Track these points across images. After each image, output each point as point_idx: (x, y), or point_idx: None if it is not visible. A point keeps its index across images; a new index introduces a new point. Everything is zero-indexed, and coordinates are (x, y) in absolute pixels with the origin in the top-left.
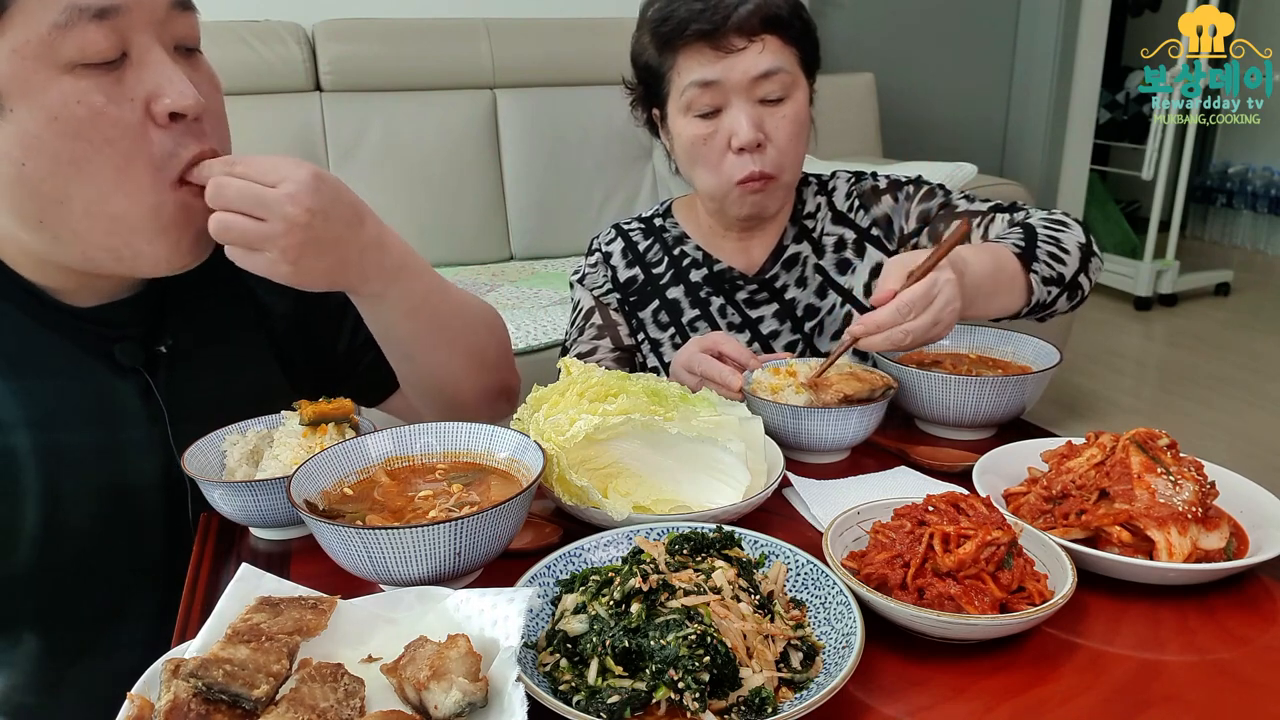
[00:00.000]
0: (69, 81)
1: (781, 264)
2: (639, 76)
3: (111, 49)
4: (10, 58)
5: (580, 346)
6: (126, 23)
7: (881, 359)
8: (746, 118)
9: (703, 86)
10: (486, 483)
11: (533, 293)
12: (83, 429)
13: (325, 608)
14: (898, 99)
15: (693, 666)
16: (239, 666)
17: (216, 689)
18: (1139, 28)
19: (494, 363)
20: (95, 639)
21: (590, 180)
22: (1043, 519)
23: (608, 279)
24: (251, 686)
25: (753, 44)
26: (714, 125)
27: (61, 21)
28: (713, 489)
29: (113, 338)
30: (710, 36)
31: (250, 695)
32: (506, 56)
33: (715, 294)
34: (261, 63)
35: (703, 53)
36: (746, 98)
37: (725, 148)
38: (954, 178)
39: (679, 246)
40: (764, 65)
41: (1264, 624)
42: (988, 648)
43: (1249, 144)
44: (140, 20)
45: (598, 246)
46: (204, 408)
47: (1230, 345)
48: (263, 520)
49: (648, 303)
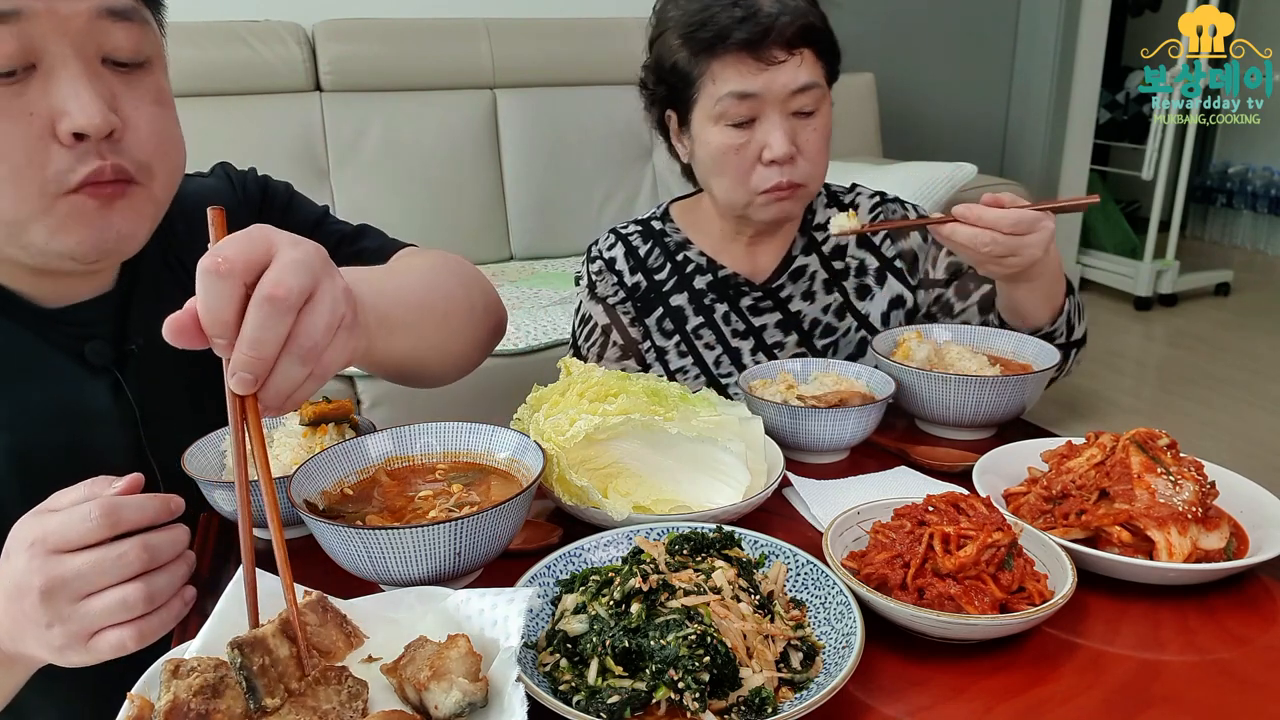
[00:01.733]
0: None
1: (789, 275)
2: (663, 78)
3: (13, 56)
4: None
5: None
6: (35, 30)
7: (882, 359)
8: (782, 132)
9: (740, 98)
10: (486, 483)
11: (533, 293)
12: (53, 429)
13: (355, 641)
14: (898, 99)
15: (693, 666)
16: (274, 665)
17: (244, 673)
18: (1139, 28)
19: (482, 309)
20: None
21: (590, 180)
22: (1043, 519)
23: (618, 286)
24: (270, 694)
25: (792, 57)
26: (747, 136)
27: None
28: (713, 489)
29: (83, 337)
30: (752, 47)
31: (262, 701)
32: (506, 56)
33: (720, 300)
34: (261, 63)
35: (744, 62)
36: (781, 111)
37: (756, 159)
38: (954, 178)
39: (682, 252)
40: (802, 79)
41: (1264, 624)
42: (988, 648)
43: (1249, 144)
44: (52, 29)
45: (599, 253)
46: (176, 408)
47: (1230, 345)
48: (263, 520)
49: (652, 310)
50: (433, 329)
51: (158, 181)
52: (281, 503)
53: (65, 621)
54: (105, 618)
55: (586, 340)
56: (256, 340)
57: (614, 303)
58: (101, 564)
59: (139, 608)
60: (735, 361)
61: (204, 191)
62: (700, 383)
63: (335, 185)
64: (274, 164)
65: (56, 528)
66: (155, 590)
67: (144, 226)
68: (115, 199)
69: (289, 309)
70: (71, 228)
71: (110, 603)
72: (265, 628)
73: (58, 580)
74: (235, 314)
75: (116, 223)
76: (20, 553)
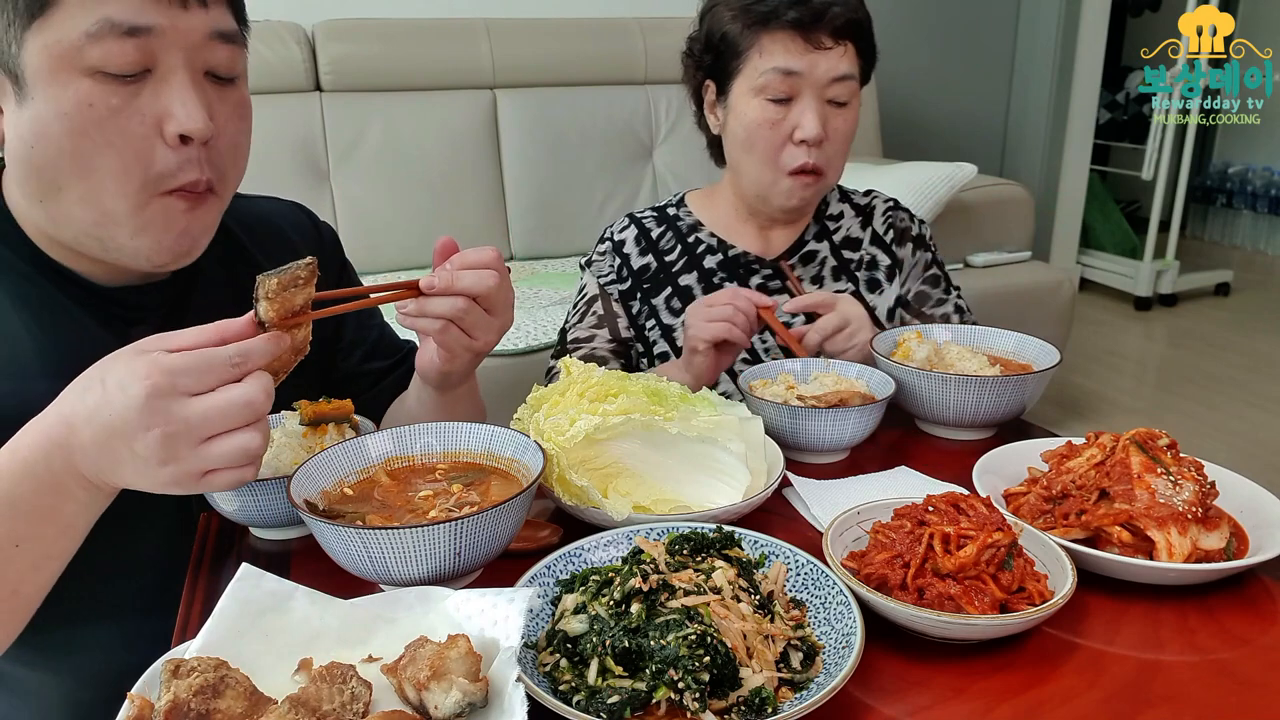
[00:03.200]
0: (87, 84)
1: (800, 257)
2: (711, 46)
3: (134, 64)
4: (41, 52)
5: (579, 331)
6: (157, 43)
7: (881, 359)
8: (815, 114)
9: (785, 75)
10: (486, 483)
11: (533, 293)
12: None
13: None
14: (898, 99)
15: (693, 666)
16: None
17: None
18: (1139, 28)
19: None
20: (84, 635)
21: (590, 180)
22: (1043, 519)
23: (614, 269)
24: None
25: (838, 45)
26: (783, 113)
27: (93, 31)
28: (713, 489)
29: (131, 320)
30: (804, 28)
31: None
32: (506, 56)
33: (729, 278)
34: (261, 63)
35: (794, 41)
36: (818, 95)
37: (787, 138)
38: (954, 178)
39: (693, 234)
40: (843, 69)
41: (1264, 624)
42: (988, 648)
43: (1249, 144)
44: (173, 43)
45: (609, 235)
46: None
47: (1230, 345)
48: (263, 520)
49: (660, 290)
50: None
51: (228, 190)
52: (282, 503)
53: (181, 462)
54: (223, 462)
55: (574, 307)
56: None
57: (604, 283)
58: (229, 409)
59: (258, 455)
60: None
61: (276, 216)
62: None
63: (335, 185)
64: (274, 164)
65: (191, 370)
66: (265, 435)
67: (209, 233)
68: (198, 205)
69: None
70: (153, 230)
71: (233, 449)
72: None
73: (182, 424)
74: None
75: (193, 228)
76: (133, 393)
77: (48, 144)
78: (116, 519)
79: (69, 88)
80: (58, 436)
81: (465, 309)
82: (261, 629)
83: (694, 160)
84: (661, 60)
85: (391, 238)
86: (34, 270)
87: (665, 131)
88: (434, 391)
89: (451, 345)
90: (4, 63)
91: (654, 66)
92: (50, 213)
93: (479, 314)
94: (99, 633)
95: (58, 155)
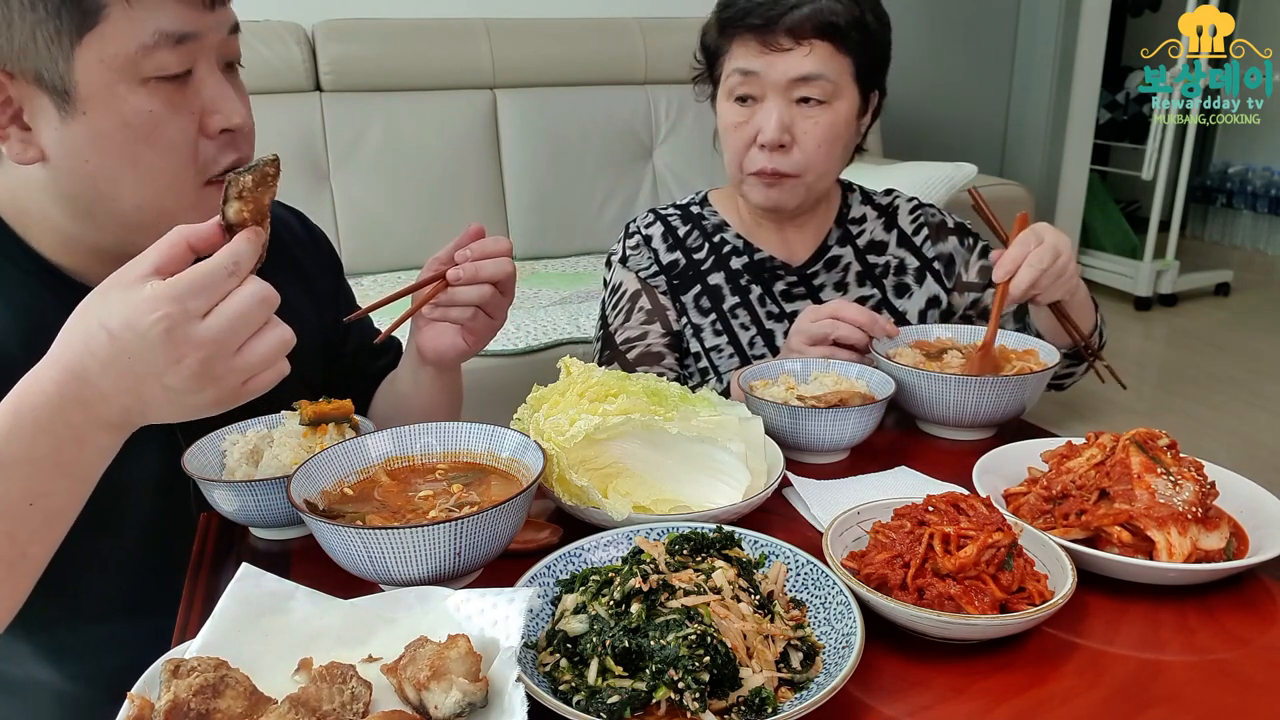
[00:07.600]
0: (144, 93)
1: (824, 263)
2: (703, 54)
3: (180, 66)
4: (96, 67)
5: (628, 331)
6: (196, 45)
7: (881, 359)
8: (776, 116)
9: (744, 75)
10: (486, 483)
11: (533, 293)
12: None
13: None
14: (898, 99)
15: (693, 666)
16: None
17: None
18: (1139, 28)
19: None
20: (84, 635)
21: (590, 180)
22: (1043, 519)
23: (653, 260)
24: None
25: (799, 47)
26: (747, 115)
27: (149, 42)
28: (713, 489)
29: None
30: (760, 31)
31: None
32: (506, 56)
33: (754, 282)
34: (261, 63)
35: (753, 43)
36: (783, 97)
37: (751, 140)
38: (954, 178)
39: (719, 234)
40: (805, 69)
41: (1264, 624)
42: (988, 648)
43: (1249, 144)
44: (208, 43)
45: (637, 229)
46: None
47: (1230, 345)
48: (263, 520)
49: (689, 287)
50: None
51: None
52: (282, 502)
53: (220, 380)
54: (264, 361)
55: (614, 309)
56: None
57: (645, 275)
58: (250, 312)
59: (292, 342)
60: (769, 344)
61: (273, 221)
62: (734, 361)
63: (335, 185)
64: None
65: (197, 291)
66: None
67: None
68: None
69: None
70: (201, 219)
71: (269, 346)
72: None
73: (213, 345)
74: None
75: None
76: (150, 333)
77: (108, 155)
78: (117, 518)
79: (129, 98)
80: (71, 393)
81: (490, 295)
82: (261, 629)
83: (694, 160)
84: (661, 60)
85: (391, 238)
86: (38, 284)
87: (665, 131)
88: (435, 373)
89: (479, 329)
90: (48, 81)
91: (654, 66)
92: (99, 221)
93: (498, 297)
94: (99, 633)
95: (118, 164)
